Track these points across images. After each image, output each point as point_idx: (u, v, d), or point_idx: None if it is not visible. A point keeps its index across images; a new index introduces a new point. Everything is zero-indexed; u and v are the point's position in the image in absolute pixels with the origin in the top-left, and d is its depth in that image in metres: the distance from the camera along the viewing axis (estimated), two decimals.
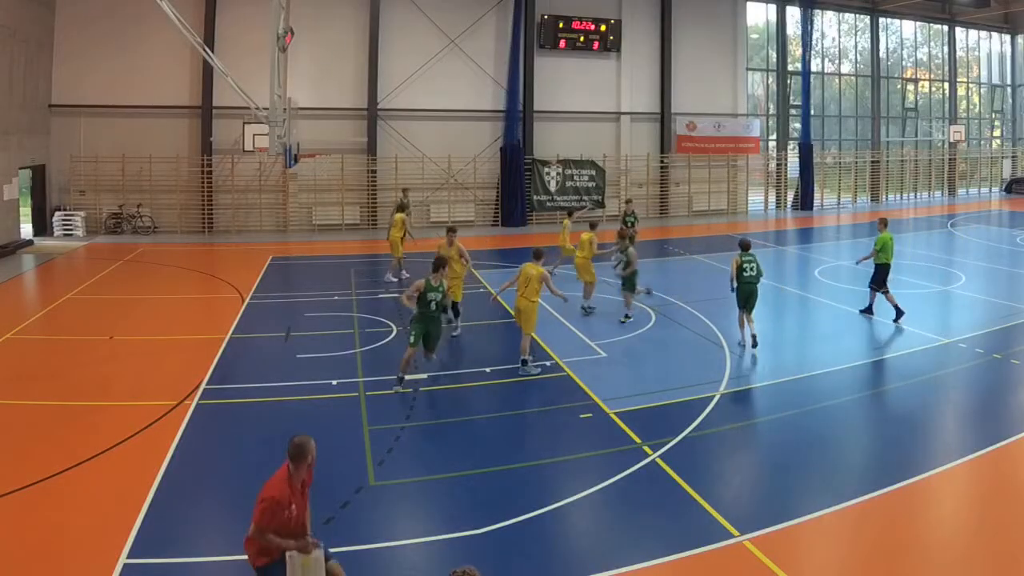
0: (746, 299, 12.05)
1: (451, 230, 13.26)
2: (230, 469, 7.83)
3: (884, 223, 14.01)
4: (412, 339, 10.15)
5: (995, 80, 41.17)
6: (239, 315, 14.12)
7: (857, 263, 14.99)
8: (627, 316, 13.72)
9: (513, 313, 11.57)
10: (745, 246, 12.39)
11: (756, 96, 34.05)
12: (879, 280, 13.72)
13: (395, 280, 16.97)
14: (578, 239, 14.83)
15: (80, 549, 6.24)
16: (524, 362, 10.93)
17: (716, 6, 30.88)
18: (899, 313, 13.36)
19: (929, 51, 38.94)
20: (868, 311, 13.99)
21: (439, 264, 10.52)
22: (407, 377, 10.22)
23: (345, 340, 12.50)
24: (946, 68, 38.89)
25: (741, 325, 12.25)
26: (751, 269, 12.12)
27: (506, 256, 21.55)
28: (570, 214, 18.06)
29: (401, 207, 18.20)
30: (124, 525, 6.49)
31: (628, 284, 13.74)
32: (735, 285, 12.11)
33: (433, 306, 10.28)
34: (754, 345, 11.86)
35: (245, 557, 5.17)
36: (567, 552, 6.43)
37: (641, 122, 29.85)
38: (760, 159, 32.94)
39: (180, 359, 11.49)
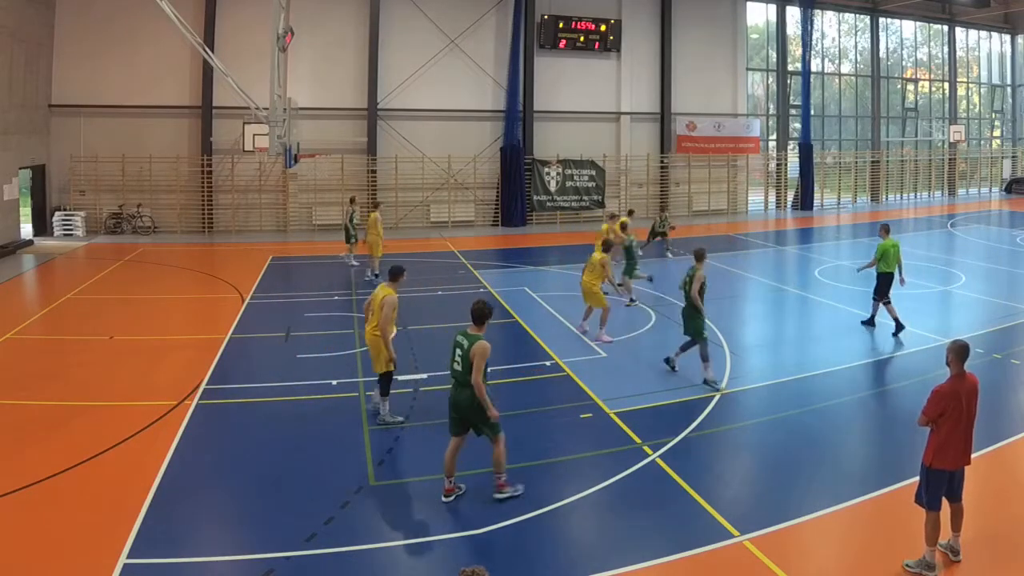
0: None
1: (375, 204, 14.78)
2: (230, 469, 7.82)
3: (886, 230, 13.15)
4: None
5: (995, 80, 41.17)
6: (239, 315, 14.13)
7: (858, 271, 14.18)
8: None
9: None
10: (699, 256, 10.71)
11: (756, 96, 34.04)
12: (880, 290, 12.86)
13: (375, 276, 16.96)
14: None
15: (80, 549, 6.24)
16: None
17: (716, 6, 30.87)
18: (899, 327, 12.51)
19: (929, 51, 38.94)
20: (870, 322, 13.18)
21: None
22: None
23: (345, 340, 12.49)
24: (946, 68, 38.88)
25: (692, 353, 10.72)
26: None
27: (507, 256, 21.56)
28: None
29: (373, 206, 18.37)
30: (124, 525, 6.49)
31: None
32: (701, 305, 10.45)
33: None
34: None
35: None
36: (567, 552, 6.42)
37: (641, 122, 29.84)
38: (760, 159, 32.93)
39: (180, 359, 11.49)
